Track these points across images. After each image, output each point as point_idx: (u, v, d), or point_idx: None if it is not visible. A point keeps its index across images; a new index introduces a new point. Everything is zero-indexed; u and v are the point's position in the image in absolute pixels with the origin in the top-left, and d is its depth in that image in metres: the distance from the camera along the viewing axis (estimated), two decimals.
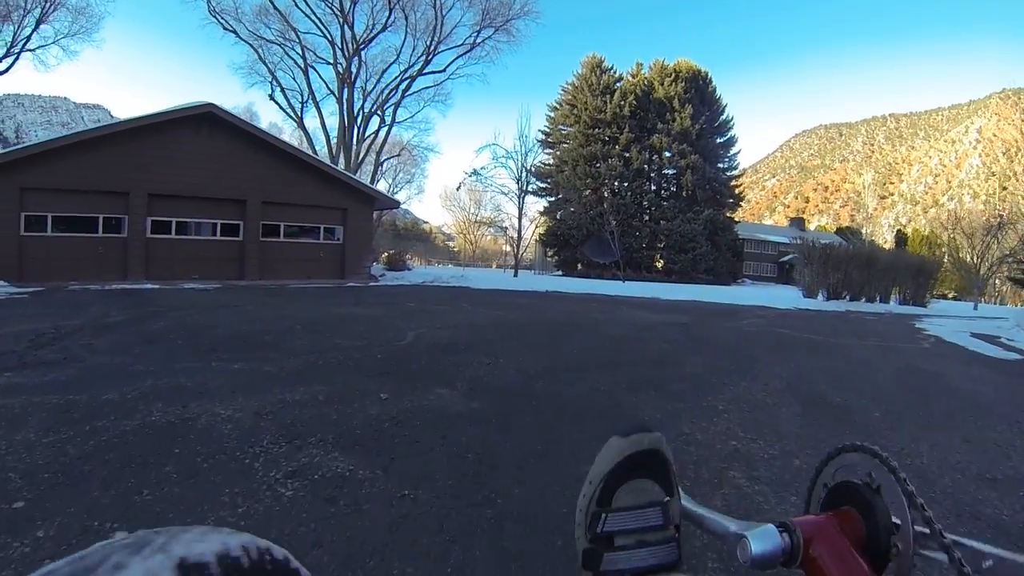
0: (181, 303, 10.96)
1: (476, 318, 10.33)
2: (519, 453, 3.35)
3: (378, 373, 5.35)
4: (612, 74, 54.61)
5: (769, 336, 10.06)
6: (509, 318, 10.66)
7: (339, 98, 30.53)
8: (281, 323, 8.41)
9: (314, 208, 20.29)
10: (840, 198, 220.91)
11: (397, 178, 59.31)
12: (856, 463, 0.65)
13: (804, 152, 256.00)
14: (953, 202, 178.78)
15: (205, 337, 6.90)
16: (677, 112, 51.87)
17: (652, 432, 0.60)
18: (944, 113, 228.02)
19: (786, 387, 5.64)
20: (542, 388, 5.04)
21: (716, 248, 50.47)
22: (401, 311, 10.92)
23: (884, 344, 10.17)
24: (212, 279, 17.55)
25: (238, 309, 10.26)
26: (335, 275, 20.61)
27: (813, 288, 21.67)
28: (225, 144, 18.21)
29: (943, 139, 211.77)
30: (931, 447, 4.00)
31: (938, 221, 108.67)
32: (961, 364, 8.35)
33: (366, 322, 8.98)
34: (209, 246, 18.33)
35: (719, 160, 55.47)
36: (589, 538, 0.59)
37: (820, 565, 0.57)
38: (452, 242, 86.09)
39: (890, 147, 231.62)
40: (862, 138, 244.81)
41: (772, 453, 3.64)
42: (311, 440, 3.39)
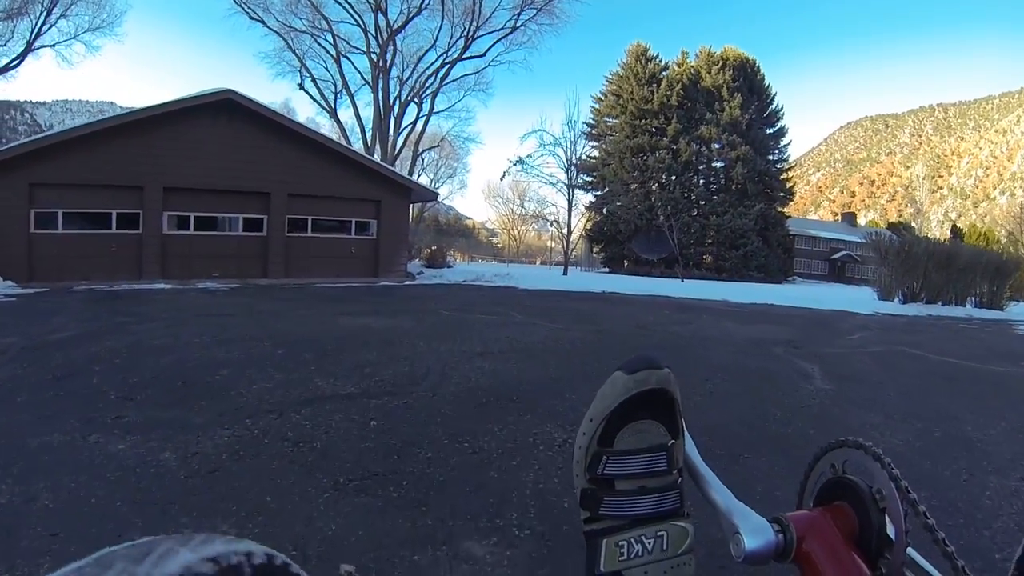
0: (167, 311, 9.46)
1: (528, 335, 8.09)
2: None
3: (358, 476, 3.07)
4: (658, 63, 52.39)
5: (912, 361, 7.86)
6: (571, 335, 8.45)
7: (374, 87, 28.82)
8: (259, 347, 6.36)
9: (345, 201, 18.70)
10: (887, 192, 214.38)
11: (439, 172, 57.99)
12: (851, 460, 0.65)
13: (849, 145, 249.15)
14: (1005, 196, 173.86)
15: (138, 372, 5.12)
16: (726, 101, 49.56)
17: (660, 369, 0.57)
18: (995, 102, 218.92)
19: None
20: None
21: (767, 244, 48.22)
22: (431, 324, 8.92)
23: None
24: (233, 278, 16.14)
25: (225, 321, 8.61)
26: (368, 273, 18.97)
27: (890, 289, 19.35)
28: (246, 133, 16.73)
29: (994, 129, 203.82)
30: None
31: (992, 216, 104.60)
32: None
33: (378, 344, 6.82)
34: (230, 242, 16.89)
35: (769, 152, 52.73)
36: (588, 478, 0.57)
37: (814, 560, 0.57)
38: (495, 238, 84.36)
39: (938, 138, 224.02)
40: (909, 129, 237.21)
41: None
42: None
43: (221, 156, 16.23)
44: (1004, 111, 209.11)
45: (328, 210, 18.52)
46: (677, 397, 0.59)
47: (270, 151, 17.04)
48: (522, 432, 3.90)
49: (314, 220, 18.53)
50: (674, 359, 6.59)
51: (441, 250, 25.97)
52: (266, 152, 16.96)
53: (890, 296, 19.17)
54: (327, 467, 3.16)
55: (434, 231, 57.19)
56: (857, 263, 62.97)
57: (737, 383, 5.80)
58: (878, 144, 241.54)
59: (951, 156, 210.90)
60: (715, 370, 6.26)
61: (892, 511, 0.59)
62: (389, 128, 28.72)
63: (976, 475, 3.51)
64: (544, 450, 3.58)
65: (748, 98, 50.89)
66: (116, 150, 14.76)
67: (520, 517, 2.66)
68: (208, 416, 3.95)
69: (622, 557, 0.53)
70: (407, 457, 3.35)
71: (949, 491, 3.23)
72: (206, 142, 16.09)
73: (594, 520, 0.56)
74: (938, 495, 3.13)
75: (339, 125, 30.53)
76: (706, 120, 49.37)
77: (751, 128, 50.41)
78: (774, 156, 53.55)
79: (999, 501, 3.09)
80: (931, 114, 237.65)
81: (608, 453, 0.56)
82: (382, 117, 28.49)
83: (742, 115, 49.36)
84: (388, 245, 19.58)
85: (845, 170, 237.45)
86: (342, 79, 29.81)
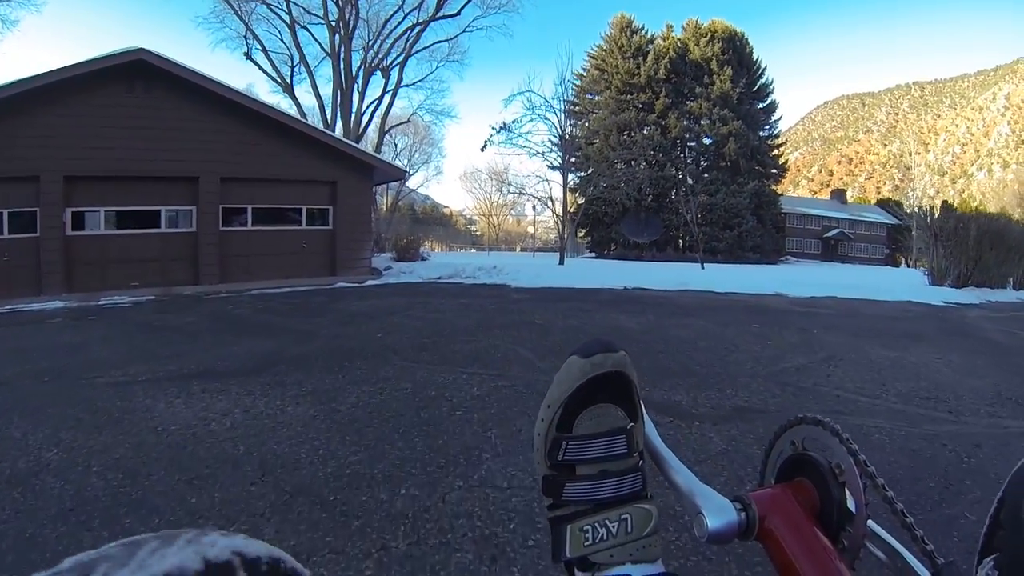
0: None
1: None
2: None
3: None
4: (644, 35, 49.96)
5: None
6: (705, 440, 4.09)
7: (333, 56, 25.20)
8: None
9: (293, 184, 15.38)
10: (865, 170, 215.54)
11: (413, 158, 54.94)
12: (811, 436, 0.66)
13: (827, 124, 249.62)
14: (983, 172, 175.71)
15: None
16: (716, 75, 47.20)
17: (616, 352, 0.57)
18: (970, 80, 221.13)
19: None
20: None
21: (762, 224, 46.08)
22: (350, 417, 4.02)
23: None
24: (156, 286, 13.04)
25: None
26: (324, 271, 15.65)
27: (941, 273, 16.52)
28: (167, 105, 13.55)
29: (970, 107, 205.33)
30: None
31: (991, 189, 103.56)
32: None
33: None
34: (151, 242, 13.69)
35: (760, 128, 50.52)
36: (549, 464, 0.58)
37: (777, 537, 0.58)
38: (474, 226, 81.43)
39: (915, 116, 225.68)
40: (886, 108, 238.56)
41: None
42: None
43: (136, 135, 13.11)
44: (980, 88, 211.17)
45: (273, 196, 15.45)
46: (634, 379, 0.58)
47: (198, 126, 13.89)
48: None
49: (255, 210, 15.15)
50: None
51: (414, 241, 22.13)
52: (193, 127, 13.81)
53: (941, 280, 16.37)
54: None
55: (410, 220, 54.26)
56: (851, 241, 61.20)
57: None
58: (855, 123, 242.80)
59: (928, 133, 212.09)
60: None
61: (851, 485, 0.59)
62: (352, 103, 25.32)
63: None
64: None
65: (738, 71, 48.63)
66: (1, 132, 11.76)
67: None
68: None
69: (587, 542, 0.53)
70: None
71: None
72: (116, 118, 12.93)
73: (557, 506, 0.56)
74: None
75: (296, 103, 26.84)
76: (696, 94, 46.93)
77: (742, 103, 48.18)
78: (765, 132, 51.33)
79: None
80: (907, 92, 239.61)
81: (567, 439, 0.56)
82: (344, 89, 25.04)
83: (732, 89, 47.05)
84: (347, 236, 16.29)
85: (823, 149, 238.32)
86: (298, 50, 26.16)
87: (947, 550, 2.19)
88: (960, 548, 2.35)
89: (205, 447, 3.42)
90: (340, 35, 25.15)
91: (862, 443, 3.51)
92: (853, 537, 0.59)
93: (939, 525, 2.54)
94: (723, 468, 3.20)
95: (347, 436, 3.62)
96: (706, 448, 3.53)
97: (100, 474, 3.00)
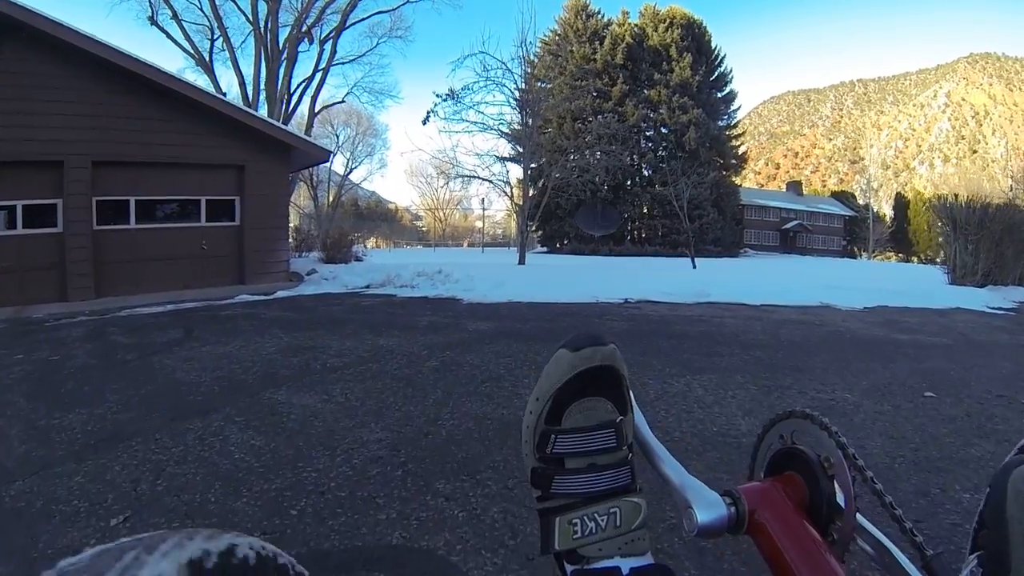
0: None
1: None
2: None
3: None
4: (600, 19, 47.65)
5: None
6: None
7: (255, 24, 21.87)
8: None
9: (188, 169, 12.10)
10: (811, 164, 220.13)
11: (356, 150, 51.95)
12: (800, 430, 0.66)
13: (773, 119, 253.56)
14: (924, 166, 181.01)
15: None
16: (675, 61, 45.35)
17: (605, 345, 0.57)
18: (912, 78, 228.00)
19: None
20: None
21: (722, 215, 44.50)
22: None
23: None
24: (9, 305, 9.85)
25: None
26: (230, 278, 12.42)
27: (964, 271, 14.50)
28: (21, 68, 10.39)
29: (911, 104, 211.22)
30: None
31: (932, 183, 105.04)
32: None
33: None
34: (5, 248, 10.51)
35: (719, 117, 48.93)
36: (538, 457, 0.57)
37: (766, 531, 0.57)
38: (420, 221, 78.74)
39: (859, 112, 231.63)
40: (831, 103, 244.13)
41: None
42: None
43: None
44: (921, 87, 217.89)
45: (163, 185, 12.18)
46: (624, 373, 0.58)
47: (63, 95, 10.66)
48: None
49: (140, 202, 11.85)
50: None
51: (345, 238, 18.60)
52: (57, 96, 10.58)
53: (963, 279, 14.33)
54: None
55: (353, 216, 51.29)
56: (809, 233, 60.69)
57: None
58: (801, 117, 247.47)
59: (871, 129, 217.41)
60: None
61: (840, 478, 0.59)
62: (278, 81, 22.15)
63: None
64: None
65: (697, 59, 46.81)
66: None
67: None
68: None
69: (576, 535, 0.53)
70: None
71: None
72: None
73: (546, 499, 0.56)
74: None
75: (214, 81, 23.17)
76: (654, 81, 44.88)
77: (701, 91, 46.41)
78: (723, 121, 49.84)
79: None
80: (852, 89, 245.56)
81: (556, 432, 0.56)
82: (270, 61, 21.77)
83: (692, 76, 45.22)
84: (259, 235, 13.12)
85: (770, 143, 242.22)
86: (217, 19, 22.54)
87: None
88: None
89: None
90: (267, 1, 21.92)
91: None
92: (842, 530, 0.58)
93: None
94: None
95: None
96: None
97: None
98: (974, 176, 57.96)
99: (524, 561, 2.21)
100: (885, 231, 64.06)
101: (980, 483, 3.04)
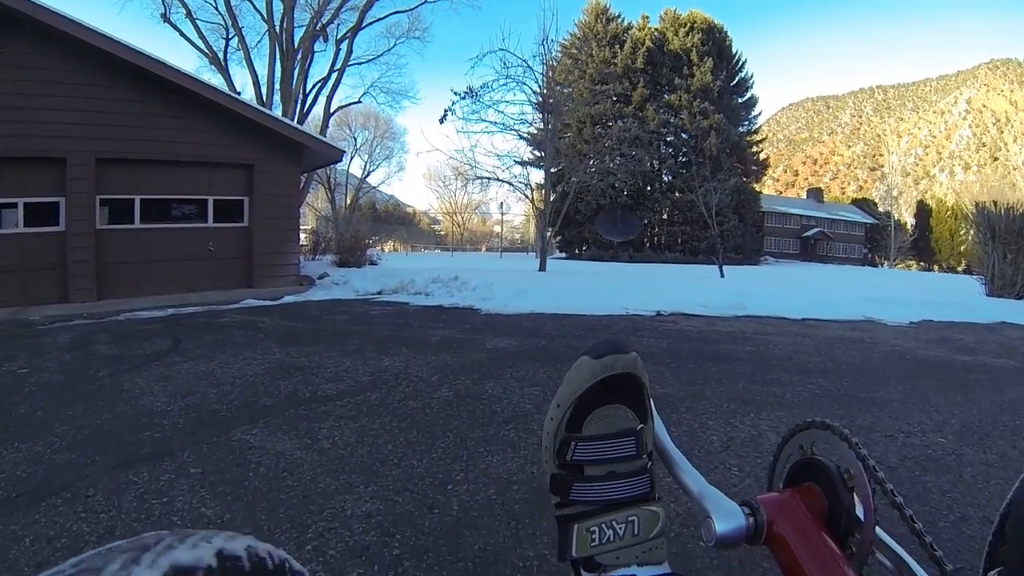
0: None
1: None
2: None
3: None
4: (620, 23, 47.18)
5: None
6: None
7: (268, 20, 21.26)
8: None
9: (195, 168, 11.61)
10: (830, 171, 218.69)
11: (374, 153, 51.77)
12: (820, 441, 0.66)
13: (792, 125, 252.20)
14: (944, 173, 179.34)
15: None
16: (696, 66, 44.79)
17: (627, 353, 0.56)
18: (932, 84, 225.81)
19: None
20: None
21: (743, 222, 43.72)
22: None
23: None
24: (9, 305, 9.51)
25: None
26: (237, 281, 12.03)
27: (1002, 282, 13.71)
28: (24, 61, 10.01)
29: (932, 110, 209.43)
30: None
31: (954, 190, 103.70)
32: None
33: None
34: (5, 247, 10.10)
35: (740, 123, 48.34)
36: (557, 463, 0.57)
37: (785, 542, 0.57)
38: (438, 225, 78.09)
39: (878, 119, 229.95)
40: (850, 110, 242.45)
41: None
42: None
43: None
44: (941, 93, 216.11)
45: (169, 184, 11.70)
46: (645, 381, 0.58)
47: (66, 90, 10.27)
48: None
49: (145, 202, 11.41)
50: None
51: (362, 240, 17.98)
52: (59, 91, 10.19)
53: (1003, 290, 13.56)
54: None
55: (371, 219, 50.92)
56: (830, 240, 59.74)
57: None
58: (819, 124, 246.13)
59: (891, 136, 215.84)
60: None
61: (860, 490, 0.59)
62: (294, 79, 21.66)
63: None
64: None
65: (718, 64, 46.23)
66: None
67: None
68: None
69: (593, 542, 0.53)
70: None
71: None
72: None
73: (565, 505, 0.56)
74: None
75: (228, 80, 22.74)
76: (674, 86, 44.30)
77: (722, 96, 45.79)
78: (744, 127, 49.23)
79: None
80: (871, 95, 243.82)
81: (576, 439, 0.56)
82: (285, 61, 21.27)
83: (713, 81, 44.63)
84: (268, 236, 12.60)
85: (788, 150, 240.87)
86: (231, 15, 22.17)
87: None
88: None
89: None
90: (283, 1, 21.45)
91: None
92: (861, 543, 0.57)
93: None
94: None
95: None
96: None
97: None
98: (996, 184, 56.86)
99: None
100: (907, 239, 63.00)
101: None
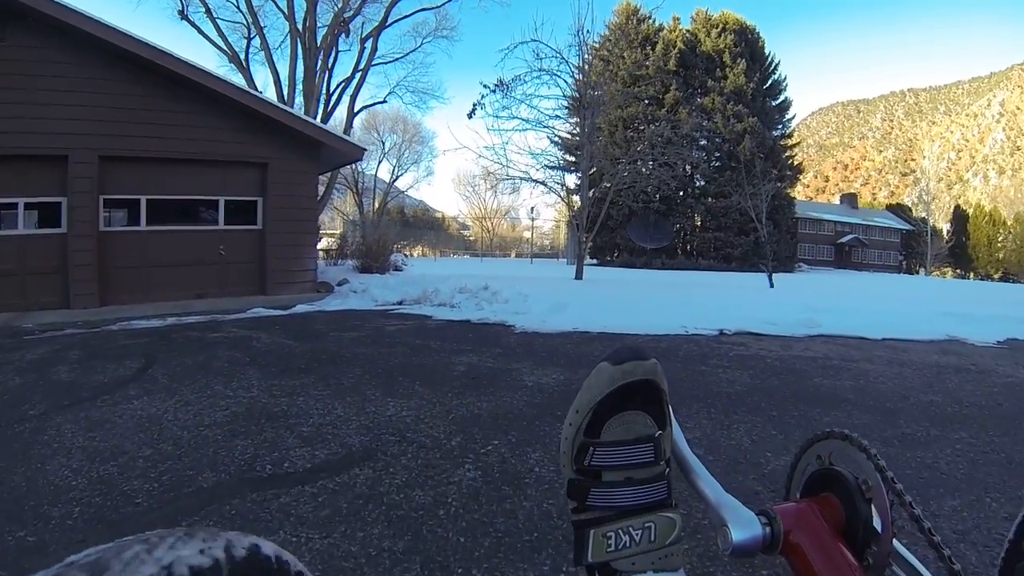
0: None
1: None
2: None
3: None
4: (651, 23, 46.37)
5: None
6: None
7: (290, 17, 20.42)
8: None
9: (205, 166, 11.25)
10: (861, 176, 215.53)
11: (402, 157, 51.20)
12: (838, 451, 0.65)
13: (822, 131, 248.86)
14: (978, 178, 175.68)
15: None
16: (729, 68, 43.95)
17: (647, 360, 0.56)
18: (964, 87, 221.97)
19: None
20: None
21: (777, 228, 42.37)
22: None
23: None
24: (8, 310, 9.05)
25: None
26: (250, 287, 11.63)
27: None
28: (26, 54, 9.52)
29: (964, 113, 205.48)
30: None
31: (1005, 195, 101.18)
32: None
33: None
34: (6, 249, 9.57)
35: (773, 127, 47.02)
36: (575, 469, 0.57)
37: (801, 552, 0.57)
38: (467, 231, 77.57)
39: (910, 123, 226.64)
40: (881, 114, 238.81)
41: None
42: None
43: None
44: (975, 96, 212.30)
45: (177, 184, 11.02)
46: (664, 388, 0.58)
47: (69, 84, 9.74)
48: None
49: (152, 202, 10.75)
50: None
51: (386, 245, 16.87)
52: (62, 85, 9.67)
53: None
54: None
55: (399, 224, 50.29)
56: (865, 247, 58.03)
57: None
58: (850, 129, 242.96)
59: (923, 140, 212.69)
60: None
61: (878, 501, 0.59)
62: (315, 78, 20.85)
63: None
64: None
65: (751, 66, 45.26)
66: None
67: None
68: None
69: (609, 548, 0.53)
70: None
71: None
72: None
73: (582, 510, 0.56)
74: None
75: (249, 79, 21.99)
76: (707, 88, 43.37)
77: (755, 99, 44.74)
78: (778, 131, 47.93)
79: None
80: (902, 99, 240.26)
81: (595, 444, 0.56)
82: (308, 59, 20.41)
83: (747, 83, 43.71)
84: (283, 240, 11.77)
85: (818, 155, 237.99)
86: (251, 12, 21.36)
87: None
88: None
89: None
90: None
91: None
92: (878, 555, 0.57)
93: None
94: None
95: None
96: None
97: None
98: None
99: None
100: (943, 246, 60.98)
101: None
